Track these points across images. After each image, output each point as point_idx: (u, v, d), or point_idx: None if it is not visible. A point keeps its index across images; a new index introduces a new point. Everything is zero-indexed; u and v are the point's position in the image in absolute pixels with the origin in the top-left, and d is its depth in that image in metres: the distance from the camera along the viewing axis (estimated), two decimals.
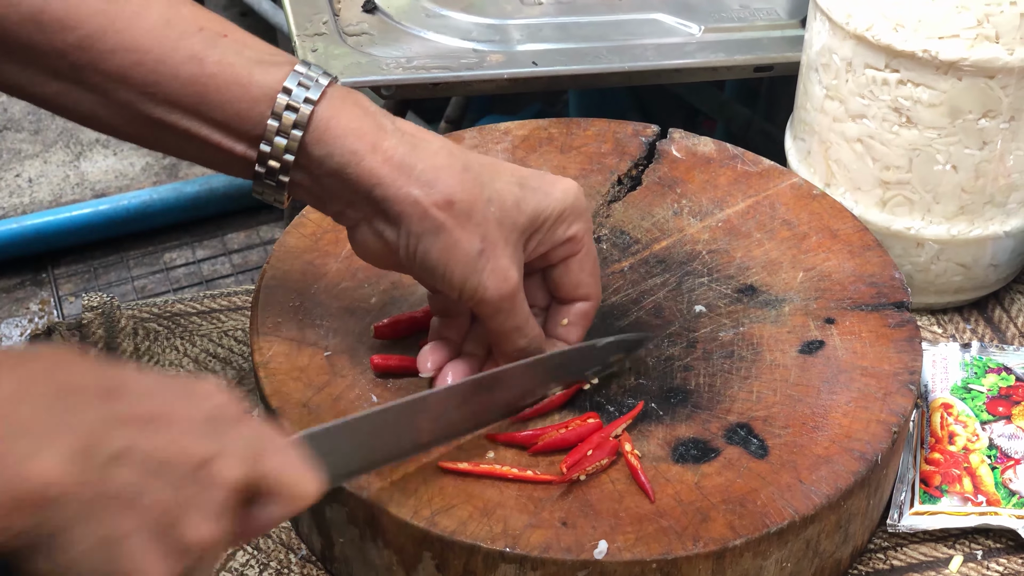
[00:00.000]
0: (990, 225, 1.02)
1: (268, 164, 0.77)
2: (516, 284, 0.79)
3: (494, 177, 0.78)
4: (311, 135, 0.76)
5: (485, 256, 0.77)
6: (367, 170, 0.76)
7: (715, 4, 1.26)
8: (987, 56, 0.94)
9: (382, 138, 0.76)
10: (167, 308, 1.04)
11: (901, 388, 0.87)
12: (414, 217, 0.76)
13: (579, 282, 0.83)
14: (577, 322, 0.84)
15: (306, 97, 0.75)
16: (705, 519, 0.78)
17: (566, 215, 0.80)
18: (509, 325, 0.80)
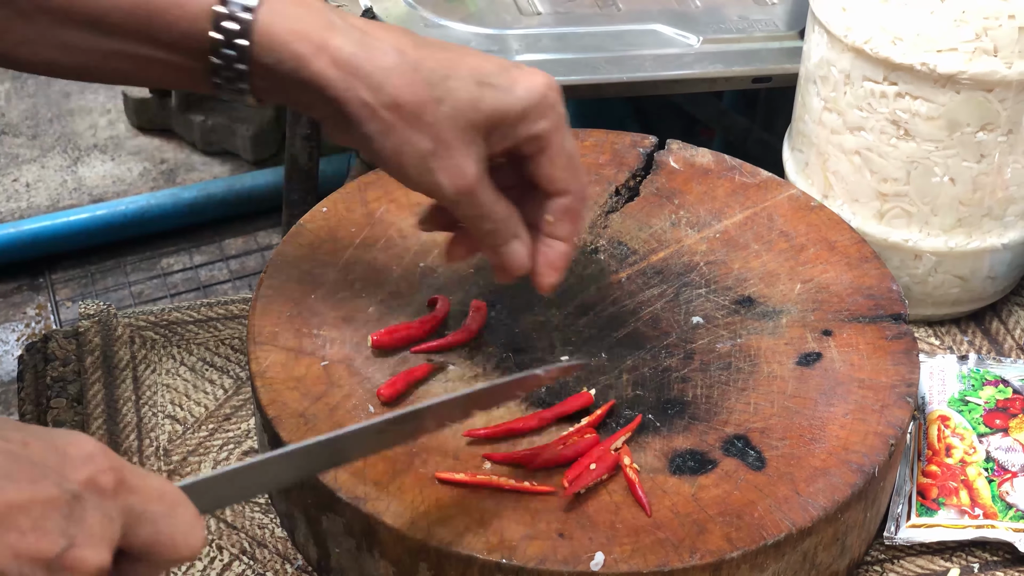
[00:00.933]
0: (988, 238, 1.03)
1: (223, 74, 0.77)
2: (473, 178, 0.78)
3: (449, 75, 0.77)
4: (256, 44, 0.76)
5: (437, 155, 0.77)
6: (315, 73, 0.76)
7: (714, 15, 1.26)
8: (985, 70, 0.94)
9: (329, 36, 0.76)
10: (164, 316, 1.04)
11: (898, 400, 0.87)
12: (365, 118, 0.77)
13: (551, 176, 0.81)
14: (561, 218, 0.83)
15: (244, 5, 0.75)
16: (702, 531, 0.78)
17: (528, 112, 0.79)
18: (472, 214, 0.80)
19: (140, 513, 0.59)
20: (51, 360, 0.99)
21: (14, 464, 0.56)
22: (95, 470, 0.58)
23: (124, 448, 0.92)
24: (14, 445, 0.57)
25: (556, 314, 0.93)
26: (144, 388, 0.97)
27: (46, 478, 0.56)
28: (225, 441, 0.94)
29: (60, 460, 0.58)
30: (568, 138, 0.81)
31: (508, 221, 0.82)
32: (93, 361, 0.99)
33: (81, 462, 0.58)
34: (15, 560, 0.55)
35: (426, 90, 0.77)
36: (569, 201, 0.83)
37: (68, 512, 0.56)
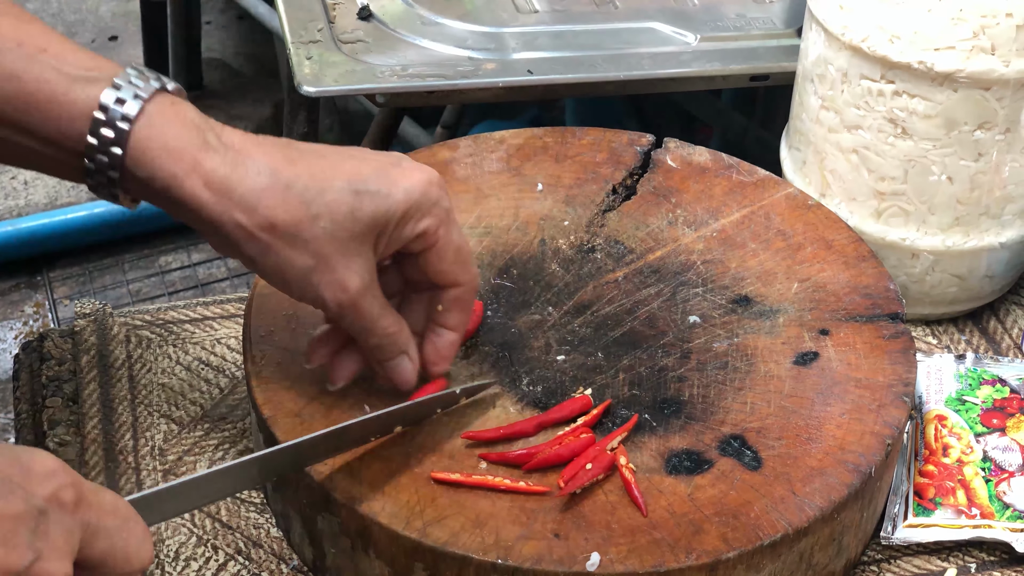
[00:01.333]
0: (985, 236, 1.02)
1: (96, 178, 0.75)
2: (356, 290, 0.78)
3: (324, 189, 0.76)
4: (130, 156, 0.74)
5: (318, 271, 0.77)
6: (188, 194, 0.74)
7: (711, 13, 1.26)
8: (983, 68, 0.94)
9: (203, 158, 0.74)
10: (160, 315, 1.04)
11: (895, 400, 0.87)
12: (241, 240, 0.76)
13: (440, 271, 0.82)
14: (451, 307, 0.83)
15: (123, 114, 0.73)
16: (698, 531, 0.78)
17: (411, 213, 0.78)
18: (356, 327, 0.80)
19: (96, 527, 0.62)
20: (47, 359, 0.99)
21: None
22: (58, 485, 0.60)
23: (120, 448, 0.92)
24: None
25: (552, 313, 0.93)
26: (140, 387, 0.97)
27: (14, 493, 0.58)
28: (221, 440, 0.93)
29: (25, 476, 0.59)
30: (455, 230, 0.81)
31: (396, 336, 0.81)
32: (89, 360, 0.99)
33: (45, 478, 0.60)
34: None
35: (301, 208, 0.76)
36: (460, 292, 0.83)
37: (35, 527, 0.58)
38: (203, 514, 0.88)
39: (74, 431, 0.93)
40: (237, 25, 2.85)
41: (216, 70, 2.63)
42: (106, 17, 2.96)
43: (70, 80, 0.74)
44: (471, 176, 1.04)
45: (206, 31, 2.73)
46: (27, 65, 0.74)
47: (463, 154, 1.06)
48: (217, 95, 2.54)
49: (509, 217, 1.01)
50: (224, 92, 2.57)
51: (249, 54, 2.78)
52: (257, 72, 2.69)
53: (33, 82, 0.74)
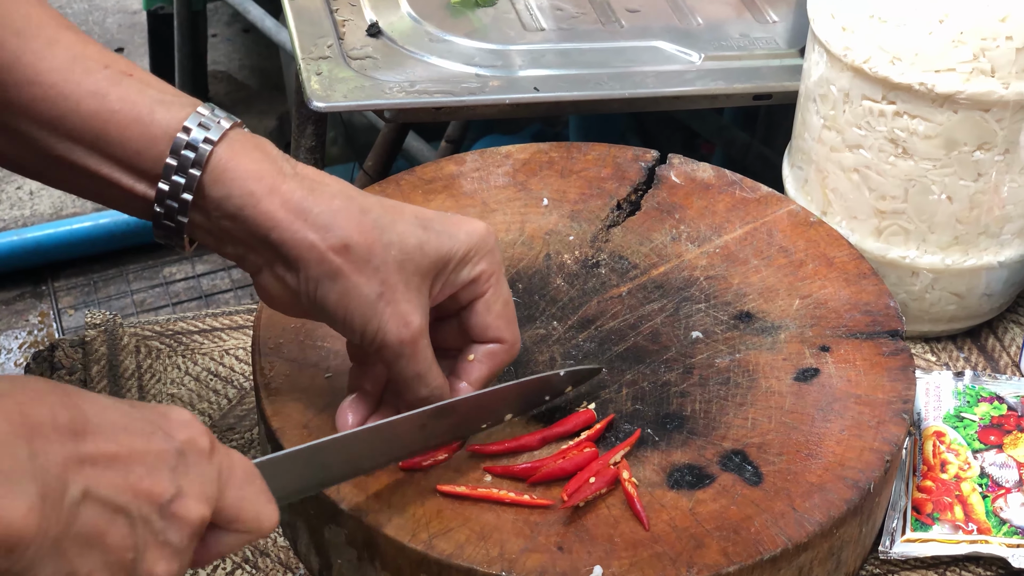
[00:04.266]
0: (984, 255, 1.04)
1: (166, 203, 0.76)
2: (418, 329, 0.78)
3: (395, 220, 0.77)
4: (209, 175, 0.75)
5: (384, 300, 0.76)
6: (264, 213, 0.75)
7: (715, 33, 1.27)
8: (983, 90, 0.95)
9: (280, 181, 0.75)
10: (169, 326, 1.05)
11: (894, 417, 0.88)
12: (311, 262, 0.76)
13: (487, 324, 0.82)
14: (483, 360, 0.83)
15: (206, 137, 0.75)
16: (699, 545, 0.79)
17: (471, 255, 0.80)
18: (410, 372, 0.79)
19: (228, 479, 0.64)
20: (57, 369, 1.00)
21: (130, 419, 0.61)
22: (194, 432, 0.63)
23: None
24: (123, 405, 0.62)
25: (557, 328, 0.94)
26: (149, 397, 0.98)
27: (156, 433, 0.62)
28: None
29: (164, 421, 0.63)
30: (505, 285, 0.82)
31: (443, 389, 0.81)
32: (99, 370, 1.00)
33: (182, 425, 0.63)
34: (135, 499, 0.60)
35: (375, 232, 0.76)
36: (497, 348, 0.83)
37: (175, 465, 0.62)
38: None
39: None
40: (243, 38, 2.87)
41: (221, 83, 2.65)
42: (112, 29, 2.98)
43: (155, 102, 0.76)
44: (477, 190, 1.05)
45: (212, 44, 2.75)
46: (112, 86, 0.76)
47: (470, 168, 1.07)
48: (222, 107, 2.55)
49: (515, 231, 1.02)
50: (229, 104, 2.58)
51: (254, 67, 2.80)
52: (262, 85, 2.71)
53: (118, 100, 0.75)
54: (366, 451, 0.78)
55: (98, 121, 0.75)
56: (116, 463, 0.59)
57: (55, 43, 0.76)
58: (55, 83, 0.75)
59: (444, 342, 0.84)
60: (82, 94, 0.75)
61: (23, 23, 0.76)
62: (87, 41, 0.77)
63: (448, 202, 1.03)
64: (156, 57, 2.59)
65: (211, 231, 0.77)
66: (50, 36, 0.76)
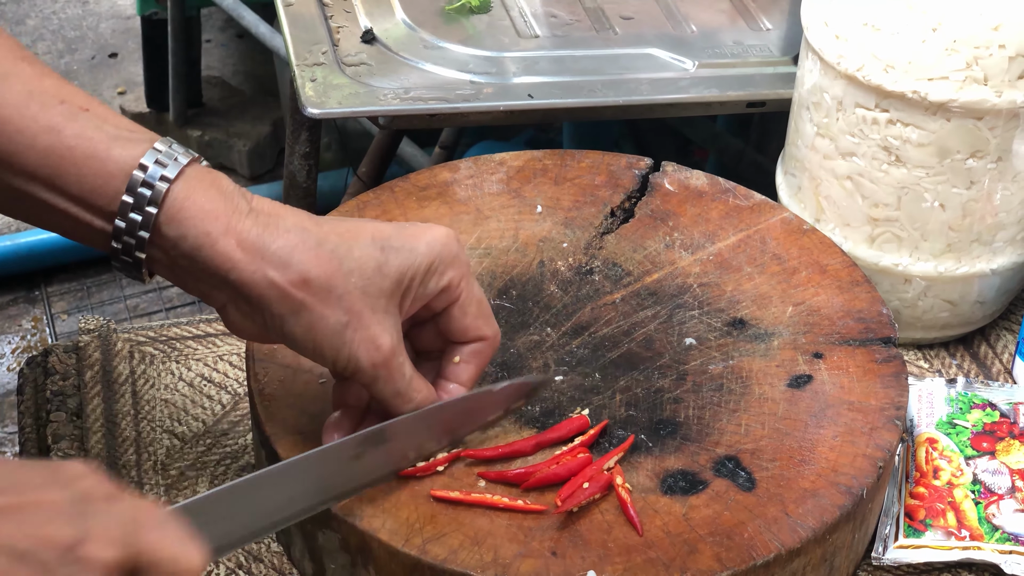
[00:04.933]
0: (977, 263, 1.04)
1: (124, 240, 0.75)
2: (389, 350, 0.78)
3: (352, 246, 0.77)
4: (165, 214, 0.74)
5: (352, 328, 0.76)
6: (221, 253, 0.74)
7: (709, 40, 1.28)
8: (976, 98, 0.96)
9: (236, 220, 0.75)
10: (163, 332, 1.05)
11: (887, 423, 0.88)
12: (273, 299, 0.75)
13: (465, 327, 0.82)
14: (469, 360, 0.83)
15: (162, 175, 0.74)
16: (692, 551, 0.79)
17: (435, 267, 0.79)
18: (389, 391, 0.79)
19: (140, 522, 0.62)
20: (51, 374, 1.00)
21: (26, 471, 0.61)
22: (92, 482, 0.62)
23: (123, 462, 0.94)
24: (12, 465, 0.62)
25: (551, 334, 0.94)
26: (143, 403, 0.98)
27: (55, 482, 0.61)
28: (222, 456, 0.95)
29: (59, 474, 0.62)
30: (475, 284, 0.82)
31: (427, 400, 0.81)
32: (93, 375, 1.00)
33: (77, 477, 0.62)
34: (37, 545, 0.59)
35: (333, 263, 0.76)
36: (481, 347, 0.83)
37: (78, 511, 0.60)
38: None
39: (78, 446, 0.94)
40: (237, 44, 2.87)
41: (215, 88, 2.65)
42: (106, 34, 2.98)
43: (111, 138, 0.75)
44: (471, 197, 1.05)
45: (206, 49, 2.75)
46: (68, 122, 0.75)
47: (464, 175, 1.07)
48: (216, 113, 2.56)
49: (509, 238, 1.02)
50: (223, 110, 2.58)
51: (248, 72, 2.80)
52: (256, 90, 2.71)
53: (73, 137, 0.74)
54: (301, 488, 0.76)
55: (54, 157, 0.74)
56: (14, 513, 0.59)
57: (10, 76, 0.75)
58: (10, 118, 0.74)
59: (424, 345, 0.84)
60: (37, 130, 0.74)
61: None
62: (44, 73, 0.76)
63: (442, 209, 1.04)
64: (150, 62, 2.58)
65: (171, 267, 0.77)
66: (6, 70, 0.75)
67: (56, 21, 3.02)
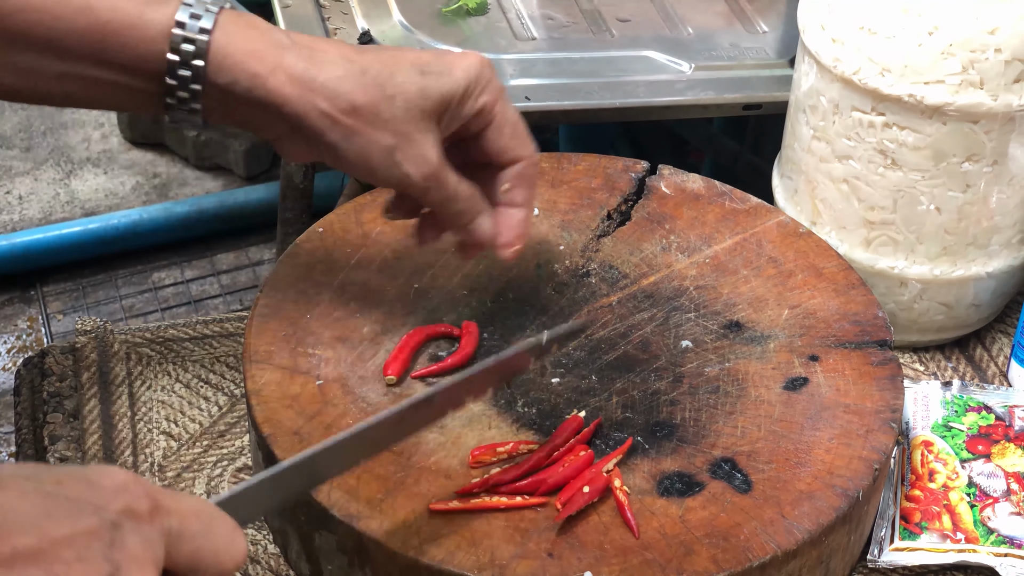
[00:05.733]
0: (972, 266, 1.04)
1: (178, 95, 0.80)
2: (436, 163, 0.83)
3: (394, 72, 0.82)
4: (212, 64, 0.79)
5: (400, 148, 0.82)
6: (272, 90, 0.79)
7: (705, 42, 1.28)
8: (972, 101, 0.96)
9: (281, 55, 0.79)
10: (160, 333, 1.05)
11: (883, 426, 0.88)
12: (326, 128, 0.81)
13: (502, 147, 0.87)
14: (517, 184, 0.88)
15: (200, 27, 0.78)
16: (689, 552, 0.79)
17: (471, 90, 0.84)
18: (440, 197, 0.85)
19: (179, 532, 0.60)
20: (48, 375, 1.00)
21: (51, 502, 0.57)
22: (130, 498, 0.59)
23: (120, 463, 0.94)
24: (47, 485, 0.58)
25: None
26: (140, 404, 0.99)
27: (83, 511, 0.57)
28: (219, 458, 0.95)
29: (95, 493, 0.58)
30: (510, 108, 0.87)
31: (473, 199, 0.87)
32: (89, 377, 1.00)
33: (115, 492, 0.59)
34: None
35: (377, 90, 0.81)
36: (522, 167, 0.88)
37: (110, 540, 0.57)
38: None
39: (74, 447, 0.95)
40: None
41: None
42: None
43: (142, 4, 0.79)
44: None
45: None
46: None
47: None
48: None
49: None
50: None
51: None
52: None
53: (107, 11, 0.78)
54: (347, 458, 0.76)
55: (94, 34, 0.78)
56: (40, 557, 0.55)
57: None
58: (46, 6, 0.77)
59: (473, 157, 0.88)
60: (72, 12, 0.78)
61: None
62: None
63: None
64: None
65: (225, 112, 0.81)
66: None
67: None
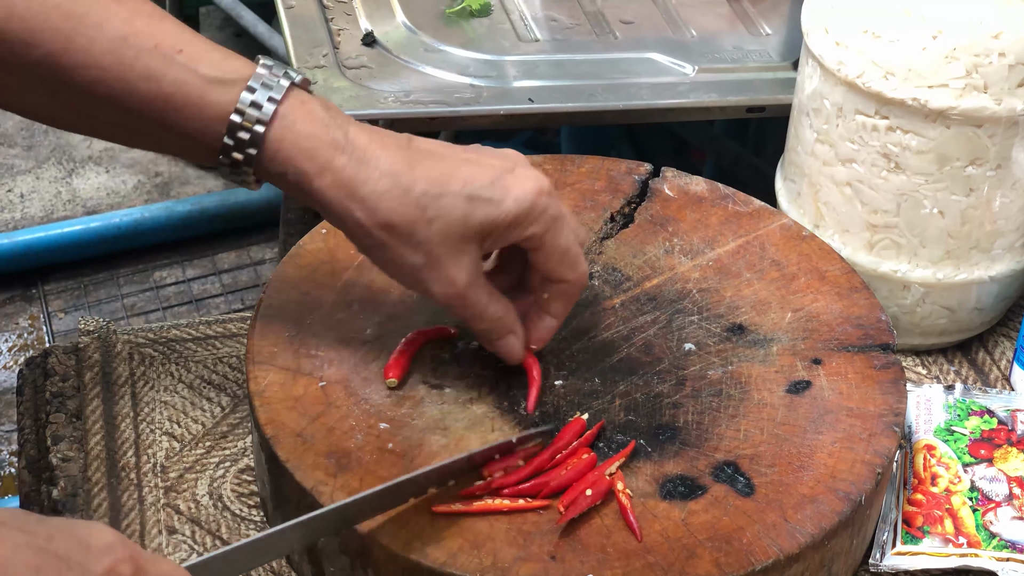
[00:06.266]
0: (975, 270, 1.04)
1: (229, 169, 0.82)
2: (463, 286, 0.83)
3: (440, 195, 0.81)
4: (265, 154, 0.80)
5: (428, 268, 0.82)
6: (316, 190, 0.81)
7: (709, 45, 1.28)
8: (975, 105, 0.96)
9: (332, 157, 0.80)
10: (162, 333, 1.05)
11: (886, 429, 0.88)
12: (359, 235, 0.83)
13: (550, 270, 0.86)
14: (556, 297, 0.88)
15: (258, 118, 0.79)
16: (691, 556, 0.79)
17: (519, 220, 0.83)
18: (465, 315, 0.86)
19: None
20: (50, 375, 1.00)
21: (42, 558, 0.59)
22: (115, 560, 0.61)
23: (122, 464, 0.94)
24: (40, 540, 0.59)
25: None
26: (142, 404, 0.98)
27: (71, 571, 0.59)
28: (222, 459, 0.95)
29: (83, 552, 0.60)
30: (564, 234, 0.85)
31: (502, 320, 0.87)
32: (92, 377, 1.00)
33: (102, 552, 0.61)
34: None
35: (417, 212, 0.81)
36: (564, 288, 0.87)
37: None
38: (203, 531, 0.90)
39: (77, 447, 0.95)
40: (235, 42, 2.87)
41: None
42: None
43: (206, 82, 0.79)
44: None
45: None
46: (164, 67, 0.79)
47: None
48: None
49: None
50: None
51: None
52: None
53: (170, 84, 0.79)
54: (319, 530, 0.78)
55: (156, 103, 0.79)
56: None
57: (104, 23, 0.78)
58: (109, 66, 0.78)
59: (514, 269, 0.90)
60: (135, 77, 0.78)
61: (70, 5, 0.78)
62: (136, 12, 0.79)
63: None
64: None
65: (274, 184, 0.83)
66: (99, 15, 0.78)
67: None
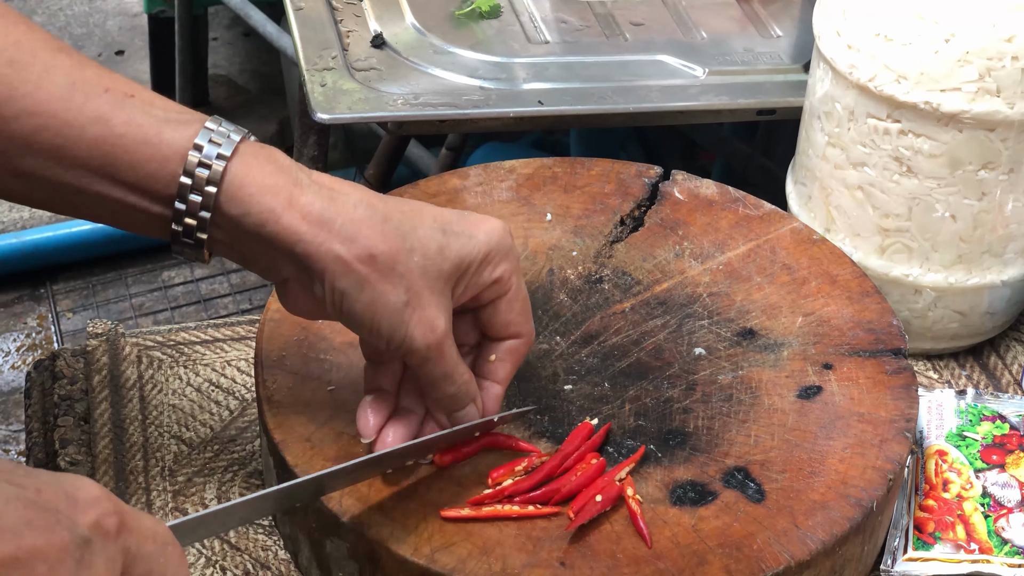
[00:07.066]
0: (987, 274, 1.04)
1: (184, 222, 0.75)
2: (443, 332, 0.78)
3: (416, 225, 0.78)
4: (225, 193, 0.75)
5: (411, 307, 0.77)
6: (286, 227, 0.75)
7: (719, 47, 1.28)
8: (988, 109, 0.95)
9: (298, 193, 0.75)
10: (171, 336, 1.05)
11: (897, 435, 0.88)
12: (337, 273, 0.76)
13: (508, 321, 0.83)
14: (505, 358, 0.84)
15: (218, 153, 0.74)
16: (702, 562, 0.79)
17: (491, 257, 0.80)
18: (438, 372, 0.80)
19: (137, 553, 0.62)
20: (59, 378, 1.00)
21: (31, 511, 0.58)
22: (101, 513, 0.61)
23: (130, 468, 0.93)
24: (29, 492, 0.59)
25: (560, 343, 0.94)
26: (151, 408, 0.98)
27: (59, 523, 0.59)
28: (230, 462, 0.95)
29: (70, 505, 0.60)
30: (522, 282, 0.83)
31: (468, 385, 0.82)
32: (101, 380, 1.00)
33: (88, 505, 0.60)
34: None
35: (398, 240, 0.76)
36: (517, 344, 0.84)
37: (79, 556, 0.59)
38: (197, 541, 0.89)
39: (85, 451, 0.94)
40: (243, 42, 2.87)
41: (222, 86, 2.65)
42: (113, 31, 2.98)
43: (161, 122, 0.75)
44: (481, 205, 1.05)
45: (213, 47, 2.75)
46: (115, 110, 0.74)
47: (473, 183, 1.07)
48: (223, 111, 2.56)
49: (518, 246, 1.02)
50: (230, 109, 2.59)
51: (255, 71, 2.80)
52: (263, 89, 2.71)
53: (122, 125, 0.74)
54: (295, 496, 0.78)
55: (105, 147, 0.74)
56: (15, 566, 0.57)
57: (51, 69, 0.74)
58: (56, 112, 0.73)
59: (457, 337, 0.83)
60: (84, 121, 0.74)
61: (15, 51, 0.74)
62: (84, 63, 0.76)
63: None
64: (157, 60, 2.59)
65: (231, 246, 0.77)
66: (45, 62, 0.74)
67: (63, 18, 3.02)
